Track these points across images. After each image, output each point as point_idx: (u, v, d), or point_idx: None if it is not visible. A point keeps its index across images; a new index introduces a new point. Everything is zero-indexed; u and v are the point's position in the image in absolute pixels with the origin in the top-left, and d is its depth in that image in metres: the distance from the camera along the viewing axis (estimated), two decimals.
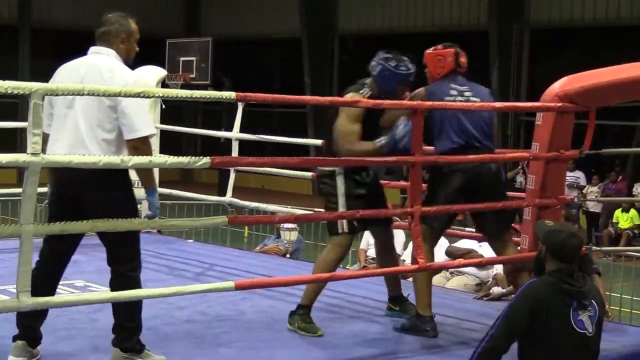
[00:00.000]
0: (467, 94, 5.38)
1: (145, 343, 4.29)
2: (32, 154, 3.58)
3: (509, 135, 19.37)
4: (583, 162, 12.48)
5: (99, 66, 4.19)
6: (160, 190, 8.05)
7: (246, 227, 10.97)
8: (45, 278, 4.23)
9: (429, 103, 5.19)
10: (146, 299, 4.33)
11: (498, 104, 6.69)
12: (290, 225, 8.80)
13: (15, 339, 4.27)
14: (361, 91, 5.24)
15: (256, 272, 6.85)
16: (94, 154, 4.04)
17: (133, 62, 4.49)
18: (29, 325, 4.25)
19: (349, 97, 5.15)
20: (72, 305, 4.21)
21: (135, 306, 4.22)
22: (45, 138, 4.20)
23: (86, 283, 6.01)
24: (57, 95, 3.99)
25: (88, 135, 4.11)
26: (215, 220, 4.87)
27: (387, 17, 21.94)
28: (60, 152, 4.03)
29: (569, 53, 19.79)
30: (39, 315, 4.24)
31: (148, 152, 4.16)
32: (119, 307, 4.19)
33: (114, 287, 4.18)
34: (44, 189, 4.11)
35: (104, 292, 4.20)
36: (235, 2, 25.03)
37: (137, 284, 4.20)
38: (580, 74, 5.58)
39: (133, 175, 4.28)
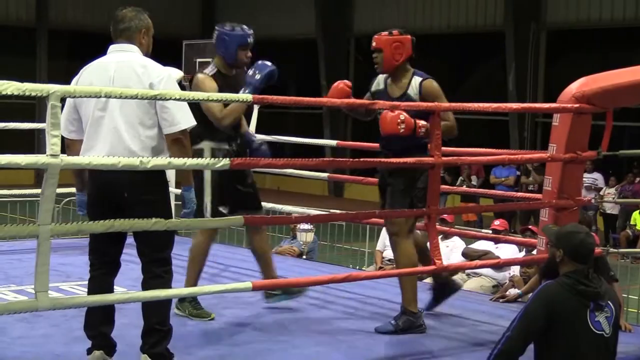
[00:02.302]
0: None
1: None
2: (51, 155, 3.60)
3: (526, 136, 19.30)
4: (600, 163, 12.43)
5: (131, 63, 4.12)
6: (177, 191, 8.09)
7: None
8: (103, 286, 4.20)
9: (447, 105, 5.20)
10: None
11: (515, 105, 6.68)
12: (306, 227, 8.82)
13: (90, 350, 4.23)
14: (206, 70, 5.32)
15: None
16: (137, 153, 4.02)
17: None
18: (101, 334, 4.22)
19: (200, 79, 5.24)
20: (91, 305, 4.21)
21: (167, 309, 4.17)
22: (68, 144, 4.19)
23: None
24: (74, 97, 3.93)
25: (130, 135, 4.06)
26: (231, 220, 4.89)
27: (403, 18, 21.89)
28: (102, 155, 3.97)
29: (586, 54, 19.70)
30: (107, 322, 4.22)
31: (188, 145, 4.16)
32: (150, 310, 4.13)
33: (147, 287, 4.12)
34: (62, 190, 4.12)
35: (125, 292, 4.20)
36: (251, 4, 25.06)
37: (170, 287, 4.18)
38: (597, 74, 5.56)
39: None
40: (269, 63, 5.16)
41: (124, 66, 4.11)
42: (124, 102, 4.05)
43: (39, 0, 23.72)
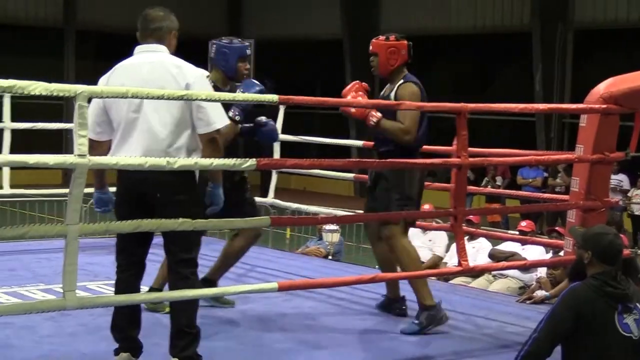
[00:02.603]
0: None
1: None
2: (79, 155, 3.62)
3: (553, 137, 19.19)
4: (627, 165, 12.34)
5: (164, 63, 4.11)
6: None
7: (288, 229, 11.00)
8: (130, 290, 4.20)
9: (473, 105, 5.18)
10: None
11: (542, 106, 6.65)
12: (332, 227, 8.81)
13: (117, 352, 4.24)
14: None
15: (298, 273, 6.87)
16: (172, 154, 4.02)
17: None
18: (128, 336, 4.24)
19: None
20: (118, 304, 4.23)
21: (194, 311, 4.16)
22: (93, 145, 4.07)
23: None
24: (101, 97, 3.95)
25: (165, 135, 4.05)
26: (258, 221, 4.90)
27: (429, 18, 21.83)
28: (136, 156, 3.98)
29: (614, 54, 19.54)
30: (134, 325, 4.24)
31: (222, 144, 4.18)
32: (178, 312, 4.13)
33: (174, 288, 4.13)
34: (89, 190, 4.14)
35: (152, 292, 4.22)
36: (277, 4, 25.08)
37: (197, 287, 4.18)
38: (625, 75, 5.52)
39: None
40: (256, 82, 5.13)
41: (158, 67, 4.10)
42: (158, 103, 4.03)
43: (66, 2, 23.90)
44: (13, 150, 7.28)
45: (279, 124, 8.03)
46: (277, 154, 7.82)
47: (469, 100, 5.33)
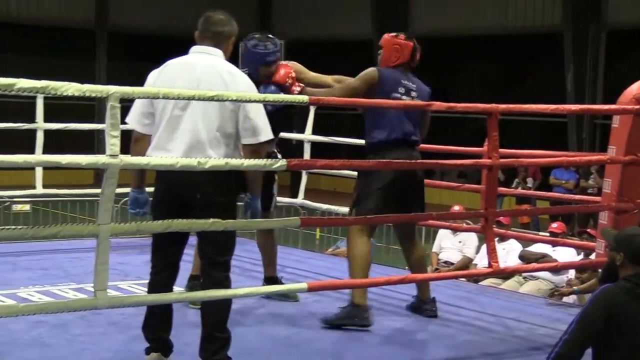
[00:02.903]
0: (413, 94, 5.32)
1: None
2: (111, 155, 3.65)
3: (584, 138, 19.05)
4: None
5: (217, 68, 4.11)
6: None
7: (318, 229, 11.00)
8: (163, 288, 4.22)
9: (504, 106, 5.16)
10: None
11: (574, 106, 6.61)
12: None
13: (148, 351, 4.26)
14: None
15: (327, 274, 6.87)
16: (214, 158, 4.01)
17: None
18: (159, 337, 4.25)
19: None
20: (149, 304, 4.26)
21: (226, 315, 4.15)
22: (138, 137, 4.14)
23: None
24: (132, 98, 3.93)
25: (210, 139, 4.05)
26: (287, 221, 4.91)
27: (460, 18, 21.74)
28: (177, 155, 3.98)
29: None
30: (166, 326, 4.25)
31: (263, 157, 4.17)
32: (209, 316, 4.13)
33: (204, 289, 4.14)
34: (121, 190, 4.16)
35: (184, 292, 4.24)
36: (308, 5, 25.11)
37: (225, 287, 4.16)
38: None
39: None
40: (272, 87, 5.18)
41: (211, 69, 4.10)
42: (207, 106, 4.03)
43: (98, 3, 24.08)
44: (46, 151, 7.35)
45: (309, 125, 8.05)
46: (307, 155, 7.83)
47: (500, 101, 5.31)
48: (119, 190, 3.94)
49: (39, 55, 22.91)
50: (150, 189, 4.21)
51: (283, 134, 9.39)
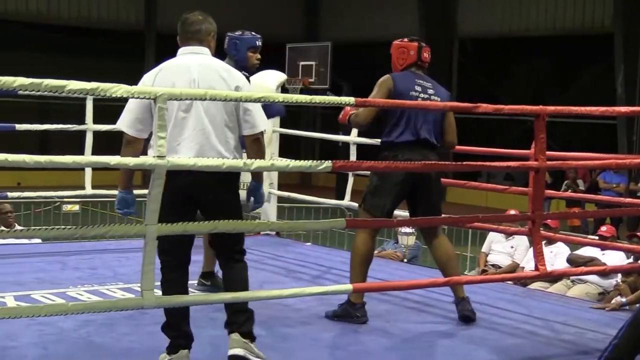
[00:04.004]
0: (430, 91, 5.34)
1: (262, 343, 4.34)
2: (158, 156, 3.68)
3: (635, 140, 18.79)
4: None
5: (213, 66, 4.24)
6: (279, 193, 8.19)
7: None
8: (184, 285, 4.29)
9: (552, 108, 5.12)
10: (264, 300, 4.38)
11: (624, 108, 6.53)
12: (407, 230, 8.78)
13: (176, 349, 4.28)
14: None
15: (373, 276, 6.85)
16: (225, 155, 4.13)
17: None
18: (184, 332, 4.28)
19: None
20: (193, 305, 4.29)
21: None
22: (131, 140, 4.16)
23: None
24: (179, 100, 4.03)
25: (219, 137, 4.16)
26: (333, 223, 4.92)
27: (507, 20, 21.61)
28: (188, 157, 4.05)
29: None
30: (186, 318, 4.28)
31: (264, 143, 4.31)
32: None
33: (230, 270, 4.28)
34: None
35: (225, 292, 4.26)
36: (354, 7, 25.12)
37: (245, 268, 4.31)
38: None
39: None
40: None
41: (208, 69, 4.21)
42: (209, 105, 4.13)
43: (148, 5, 24.33)
44: (95, 152, 7.44)
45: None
46: (353, 157, 7.83)
47: (548, 102, 5.26)
48: None
49: (87, 56, 23.20)
50: (137, 191, 4.33)
51: (330, 136, 9.47)
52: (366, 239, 5.31)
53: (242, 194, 4.36)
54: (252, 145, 4.26)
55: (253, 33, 5.75)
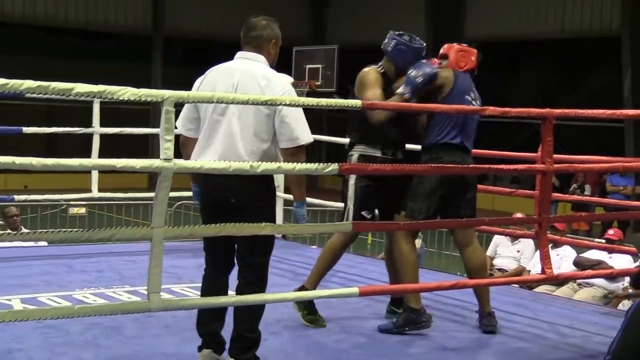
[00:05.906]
0: (479, 102, 5.35)
1: (267, 346, 4.33)
2: (165, 159, 3.68)
3: None
4: None
5: (254, 73, 4.15)
6: (285, 195, 8.18)
7: (370, 234, 10.98)
8: (216, 284, 4.29)
9: (559, 111, 5.11)
10: (270, 304, 4.38)
11: (632, 111, 6.52)
12: None
13: (200, 348, 4.32)
14: (374, 65, 5.39)
15: (379, 279, 6.85)
16: (247, 161, 4.03)
17: None
18: (211, 332, 4.30)
19: (368, 70, 5.32)
20: (201, 307, 4.29)
21: (258, 317, 4.20)
22: (184, 141, 4.30)
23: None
24: (187, 102, 4.04)
25: (244, 144, 4.09)
26: (339, 226, 4.91)
27: (516, 23, 21.59)
28: (213, 159, 4.04)
29: None
30: (217, 320, 4.29)
31: (304, 159, 4.17)
32: (241, 317, 4.17)
33: (240, 293, 4.18)
34: (174, 194, 4.21)
35: (232, 295, 4.26)
36: (361, 10, 25.12)
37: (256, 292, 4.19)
38: None
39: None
40: (429, 65, 5.22)
41: (248, 75, 4.15)
42: (242, 110, 4.09)
43: (155, 9, 24.37)
44: (101, 154, 7.45)
45: None
46: None
47: (555, 105, 5.25)
48: (173, 194, 3.98)
49: (94, 60, 23.27)
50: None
51: (336, 139, 9.46)
52: (411, 247, 5.27)
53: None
54: (288, 159, 4.13)
55: (419, 40, 5.46)
